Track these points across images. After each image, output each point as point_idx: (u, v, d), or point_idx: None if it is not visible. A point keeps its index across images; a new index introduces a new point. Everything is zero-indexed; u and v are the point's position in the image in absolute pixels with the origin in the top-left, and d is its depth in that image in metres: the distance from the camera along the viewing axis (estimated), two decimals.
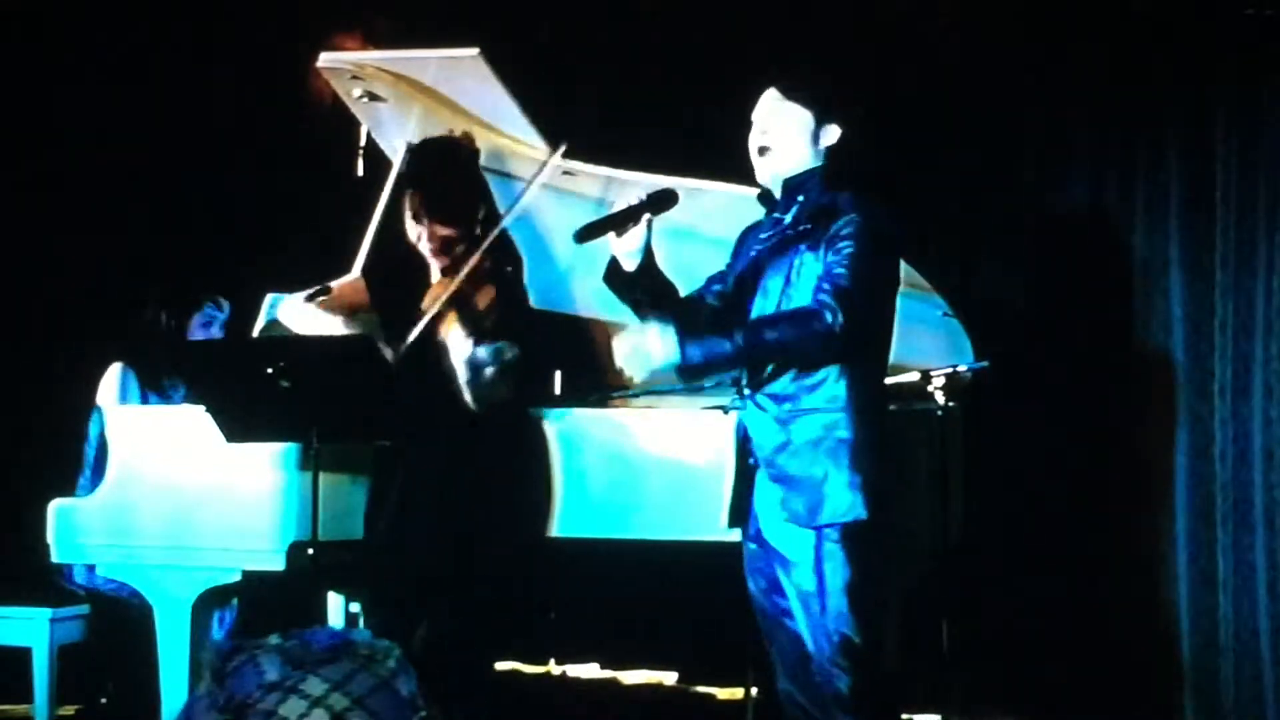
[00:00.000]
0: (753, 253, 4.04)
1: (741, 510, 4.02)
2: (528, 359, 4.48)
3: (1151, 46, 5.67)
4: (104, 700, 5.61)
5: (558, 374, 5.57)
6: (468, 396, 4.41)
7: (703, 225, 4.71)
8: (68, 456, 5.46)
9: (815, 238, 3.88)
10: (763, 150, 4.00)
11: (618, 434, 4.73)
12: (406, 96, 4.98)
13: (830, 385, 3.88)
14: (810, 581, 3.86)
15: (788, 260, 3.92)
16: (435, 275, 4.56)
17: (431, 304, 4.47)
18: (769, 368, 3.92)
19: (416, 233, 4.53)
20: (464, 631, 4.48)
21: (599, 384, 5.14)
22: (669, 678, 6.60)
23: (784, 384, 3.91)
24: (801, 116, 3.97)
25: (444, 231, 4.50)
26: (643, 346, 3.89)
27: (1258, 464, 5.51)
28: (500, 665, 5.68)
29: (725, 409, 4.50)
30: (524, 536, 4.57)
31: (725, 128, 4.24)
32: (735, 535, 4.36)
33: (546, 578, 4.76)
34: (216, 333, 5.62)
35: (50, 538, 4.77)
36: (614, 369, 4.04)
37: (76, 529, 4.75)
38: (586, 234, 3.96)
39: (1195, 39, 5.60)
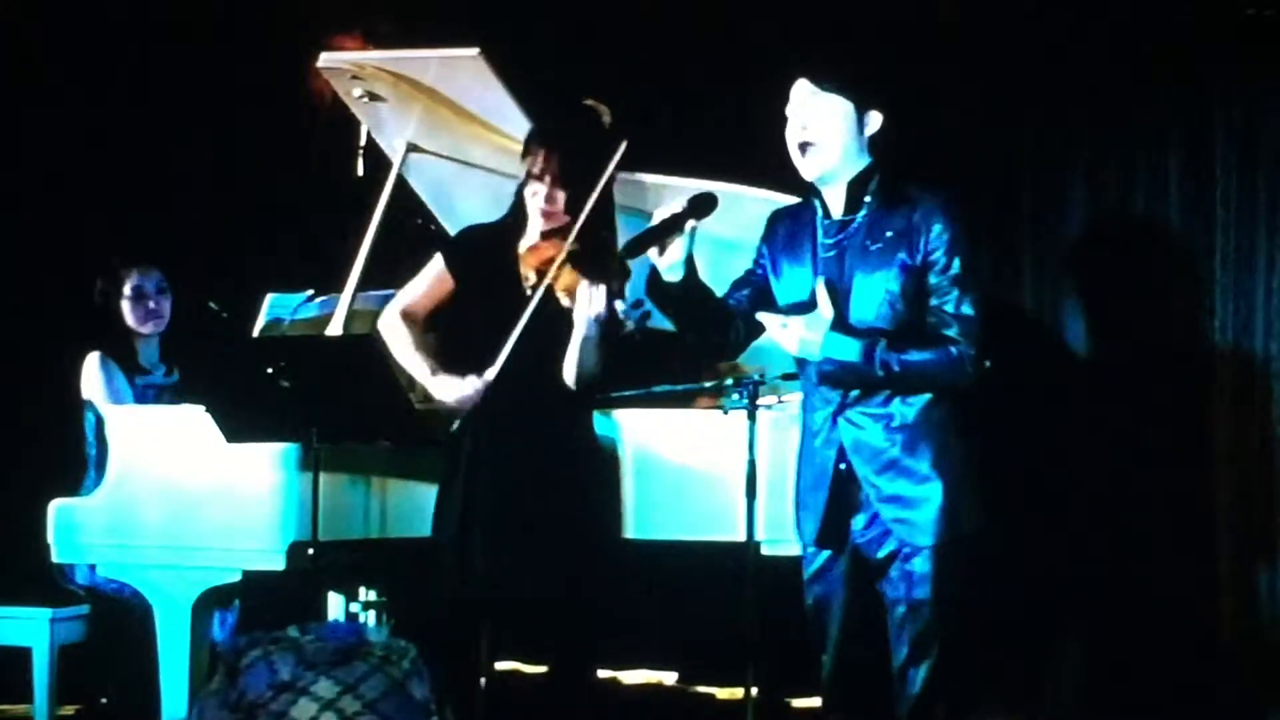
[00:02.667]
0: (821, 259, 3.94)
1: (835, 531, 3.95)
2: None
3: (1151, 46, 5.67)
4: (104, 700, 5.61)
5: None
6: (578, 366, 4.30)
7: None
8: (68, 456, 5.45)
9: (903, 244, 3.84)
10: (804, 146, 3.91)
11: (617, 434, 4.72)
12: (406, 96, 4.98)
13: (932, 400, 3.87)
14: (907, 592, 3.85)
15: (879, 269, 3.86)
16: (532, 239, 4.41)
17: (542, 264, 4.30)
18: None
19: (534, 190, 4.37)
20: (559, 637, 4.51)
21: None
22: (669, 678, 6.59)
23: (883, 400, 3.88)
24: (841, 107, 3.88)
25: (564, 192, 4.33)
26: (788, 337, 3.87)
27: None
28: (500, 665, 5.67)
29: (725, 409, 4.49)
30: (601, 541, 4.54)
31: (731, 126, 4.24)
32: (735, 535, 4.36)
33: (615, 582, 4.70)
34: (156, 301, 5.50)
35: (51, 538, 4.77)
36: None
37: (77, 529, 4.75)
38: (633, 249, 3.90)
39: (1195, 39, 5.60)
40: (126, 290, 5.47)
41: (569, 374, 4.33)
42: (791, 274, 4.02)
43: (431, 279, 4.57)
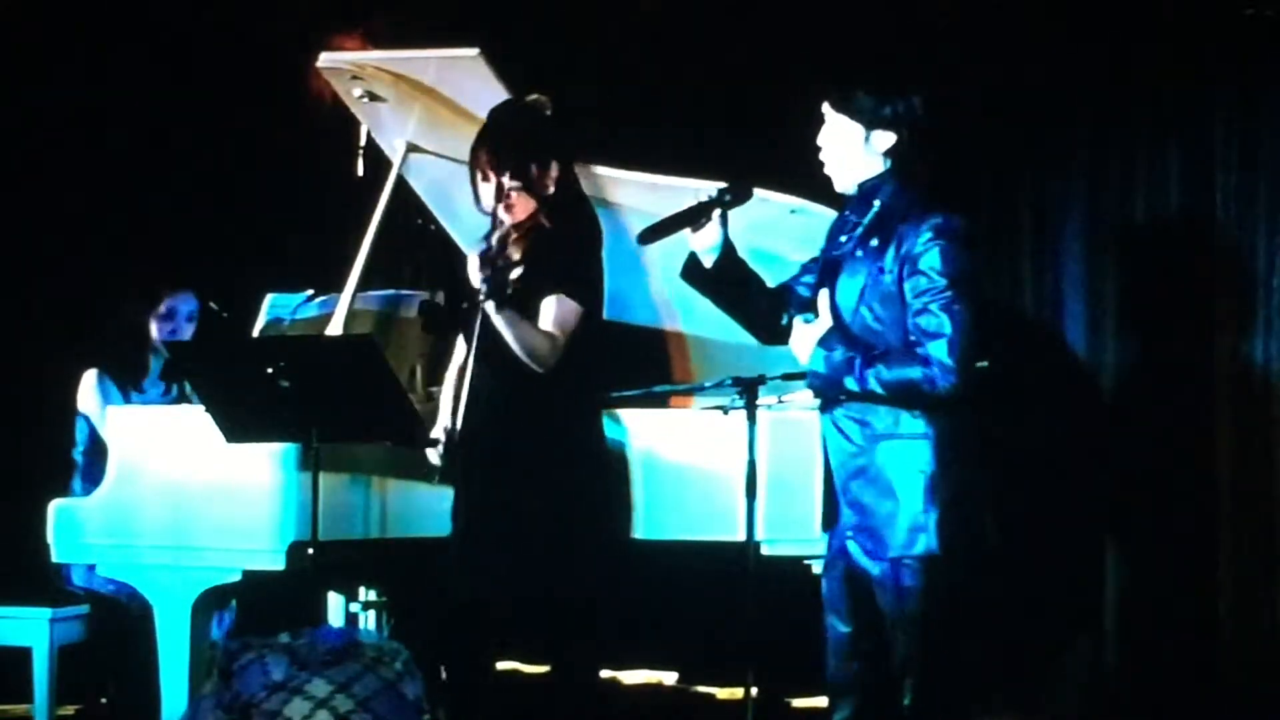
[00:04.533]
0: (831, 256, 3.99)
1: (832, 520, 3.99)
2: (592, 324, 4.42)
3: (1152, 46, 5.67)
4: (104, 700, 5.62)
5: None
6: (514, 346, 4.31)
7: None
8: (68, 458, 5.46)
9: (889, 251, 3.84)
10: (821, 164, 3.98)
11: (617, 434, 4.72)
12: (406, 96, 4.98)
13: (913, 414, 3.84)
14: (890, 602, 3.84)
15: (861, 274, 3.87)
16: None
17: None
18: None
19: (487, 192, 4.41)
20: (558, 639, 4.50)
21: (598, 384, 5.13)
22: (669, 678, 6.60)
23: (864, 406, 3.87)
24: (850, 128, 3.92)
25: (510, 184, 4.37)
26: (795, 344, 3.92)
27: None
28: (500, 665, 5.67)
29: (725, 409, 4.49)
30: (602, 541, 4.54)
31: (718, 126, 4.23)
32: (735, 535, 4.37)
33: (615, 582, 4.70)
34: (182, 327, 5.54)
35: (50, 538, 4.77)
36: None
37: (77, 529, 4.75)
38: (651, 235, 3.93)
39: (1195, 39, 5.60)
40: (161, 308, 5.53)
41: (517, 353, 4.33)
42: (820, 265, 4.08)
43: None
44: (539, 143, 4.45)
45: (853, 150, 3.93)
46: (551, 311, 4.37)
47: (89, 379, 5.48)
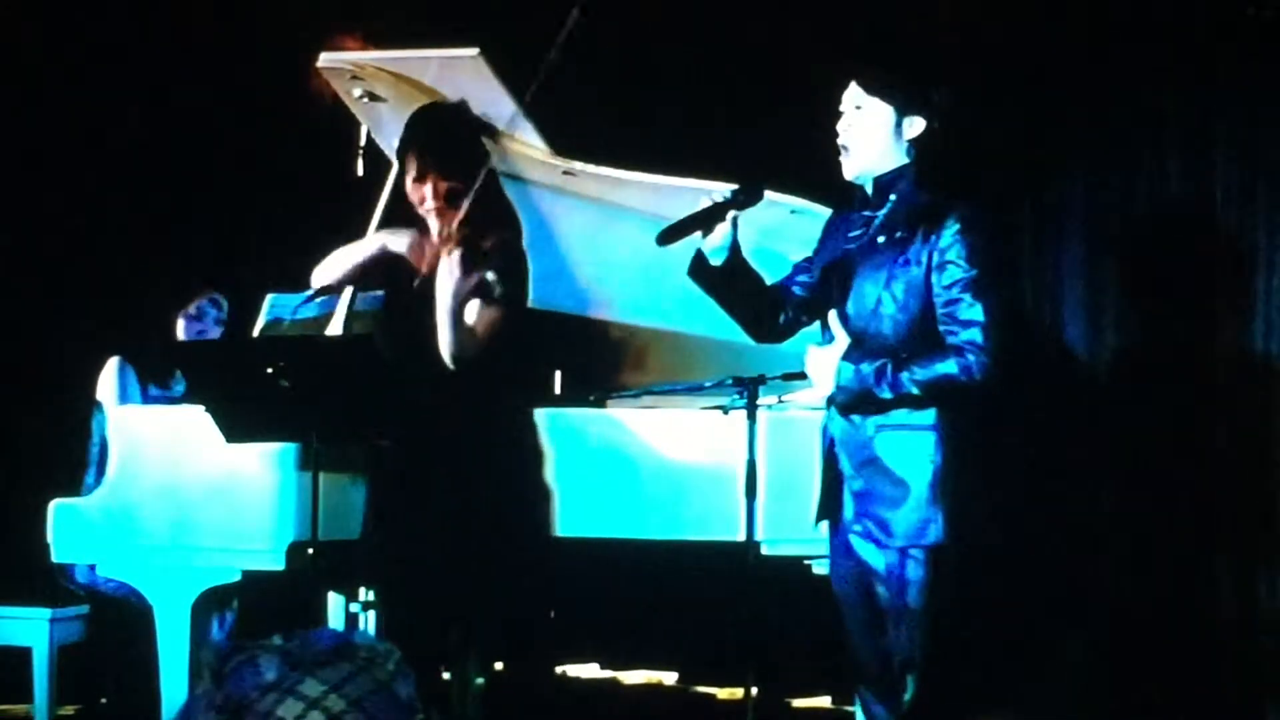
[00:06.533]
0: (842, 249, 3.97)
1: (830, 512, 3.99)
2: (517, 325, 4.46)
3: (1152, 46, 5.67)
4: (104, 700, 5.62)
5: (557, 374, 5.58)
6: (445, 343, 4.36)
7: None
8: (68, 455, 5.46)
9: (914, 243, 3.84)
10: (843, 148, 3.94)
11: (617, 433, 4.72)
12: (406, 96, 4.98)
13: (926, 405, 3.84)
14: (893, 596, 3.85)
15: (885, 265, 3.86)
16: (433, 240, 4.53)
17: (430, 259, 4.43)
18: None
19: (419, 195, 4.49)
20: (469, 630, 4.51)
21: (598, 384, 5.14)
22: (669, 678, 6.60)
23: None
24: (881, 111, 3.90)
25: (445, 186, 4.45)
26: (813, 367, 3.91)
27: None
28: (500, 665, 5.67)
29: (725, 409, 4.49)
30: (525, 534, 4.55)
31: (719, 127, 4.23)
32: (735, 535, 4.37)
33: (547, 577, 4.75)
34: (210, 329, 5.59)
35: (50, 537, 4.78)
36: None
37: (76, 528, 4.75)
38: (669, 236, 3.92)
39: (1195, 39, 5.60)
40: (190, 308, 5.58)
41: (442, 349, 4.38)
42: (821, 261, 4.07)
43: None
44: (473, 147, 4.54)
45: (880, 135, 3.90)
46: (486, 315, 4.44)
47: (110, 365, 5.50)
